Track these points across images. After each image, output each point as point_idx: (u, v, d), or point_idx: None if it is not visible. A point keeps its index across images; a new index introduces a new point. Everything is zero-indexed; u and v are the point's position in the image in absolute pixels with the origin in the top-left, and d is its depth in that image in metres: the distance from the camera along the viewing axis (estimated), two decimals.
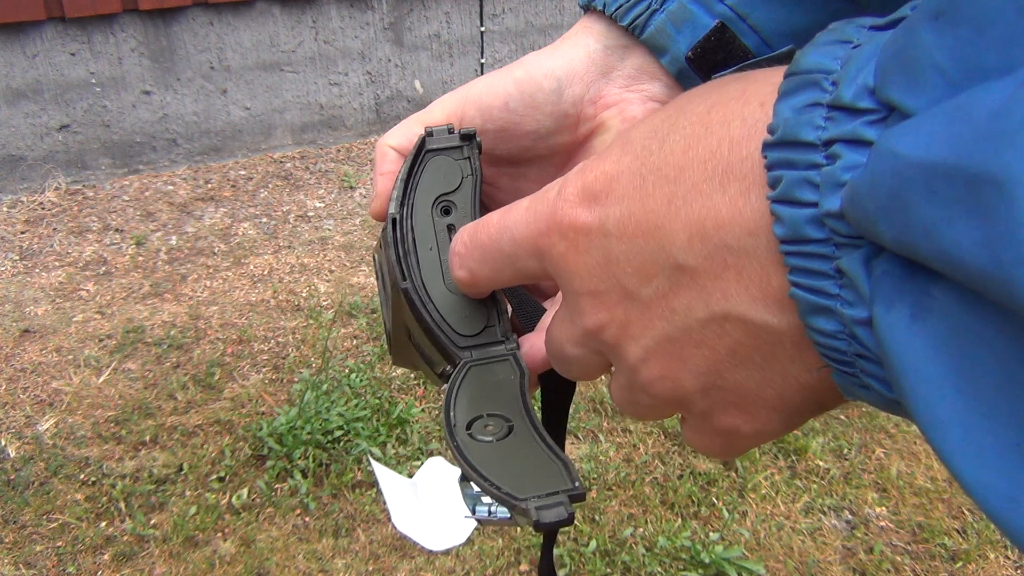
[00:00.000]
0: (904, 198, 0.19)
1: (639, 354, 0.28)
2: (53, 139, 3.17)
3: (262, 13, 3.33)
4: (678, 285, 0.26)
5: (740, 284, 0.25)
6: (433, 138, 0.42)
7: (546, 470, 0.33)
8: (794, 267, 0.23)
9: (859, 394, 0.24)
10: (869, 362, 0.22)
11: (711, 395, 0.28)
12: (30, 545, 1.77)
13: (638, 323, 0.28)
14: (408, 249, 0.40)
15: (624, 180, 0.27)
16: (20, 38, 2.99)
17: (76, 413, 2.12)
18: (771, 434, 0.28)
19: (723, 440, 0.30)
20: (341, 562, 1.74)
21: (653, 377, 0.28)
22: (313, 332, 2.42)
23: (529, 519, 0.29)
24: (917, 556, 1.81)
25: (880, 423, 2.15)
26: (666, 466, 2.00)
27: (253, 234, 2.97)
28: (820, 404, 0.27)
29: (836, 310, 0.22)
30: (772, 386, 0.26)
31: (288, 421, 2.00)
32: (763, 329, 0.25)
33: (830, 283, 0.22)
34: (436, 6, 3.64)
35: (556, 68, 0.44)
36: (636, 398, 0.31)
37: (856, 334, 0.22)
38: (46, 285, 2.66)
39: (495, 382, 0.38)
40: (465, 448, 0.34)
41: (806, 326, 0.23)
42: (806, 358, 0.25)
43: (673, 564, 1.74)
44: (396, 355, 0.51)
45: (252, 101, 3.44)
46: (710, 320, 0.26)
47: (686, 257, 0.25)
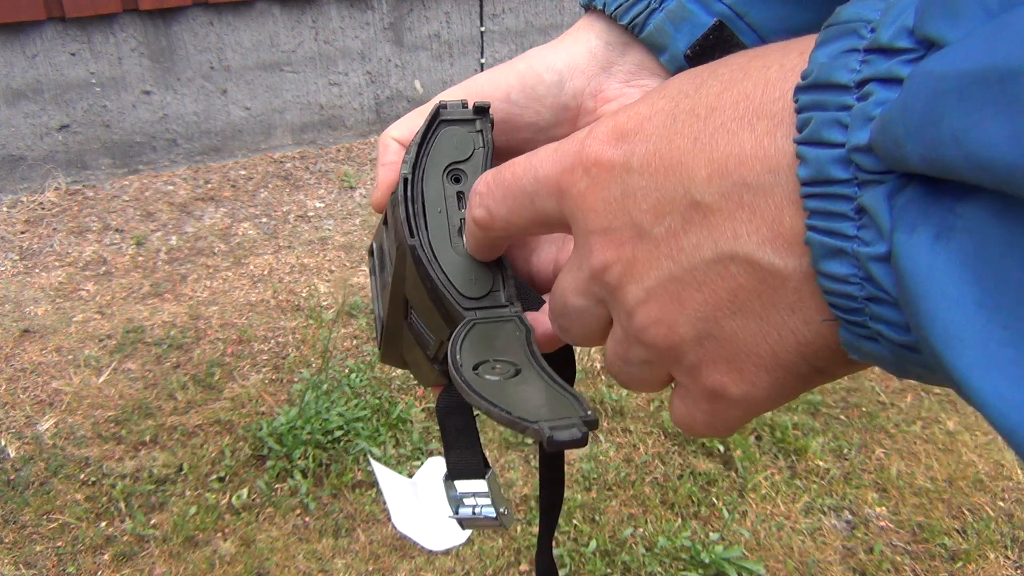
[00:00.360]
0: (936, 111, 0.19)
1: (639, 295, 0.28)
2: (53, 139, 3.17)
3: (262, 13, 3.33)
4: (690, 223, 0.26)
5: (752, 224, 0.25)
6: (447, 109, 0.42)
7: (557, 402, 0.33)
8: (813, 210, 0.23)
9: (864, 348, 0.23)
10: (881, 305, 0.22)
11: (704, 346, 0.27)
12: (30, 545, 1.77)
13: (644, 262, 0.28)
14: (417, 210, 0.40)
15: (656, 120, 0.28)
16: (20, 38, 2.99)
17: (76, 413, 2.12)
18: (759, 401, 0.28)
19: (709, 407, 0.29)
20: (341, 562, 1.74)
21: (649, 321, 0.28)
22: (313, 332, 2.42)
23: (542, 438, 0.29)
24: (917, 556, 1.81)
25: (880, 423, 2.15)
26: (666, 466, 2.00)
27: (253, 234, 2.97)
28: (813, 367, 0.26)
29: (852, 252, 0.22)
30: (767, 340, 0.26)
31: (288, 421, 2.00)
32: (768, 272, 0.25)
33: (849, 225, 0.22)
34: (436, 6, 3.64)
35: (558, 62, 0.45)
36: (630, 352, 0.30)
37: (871, 273, 0.22)
38: (46, 285, 2.66)
39: (501, 336, 0.38)
40: (472, 382, 0.34)
41: (818, 272, 0.23)
42: (807, 309, 0.25)
43: (673, 564, 1.74)
44: (387, 347, 0.51)
45: (252, 101, 3.44)
46: (716, 260, 0.26)
47: (703, 194, 0.25)
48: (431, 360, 0.45)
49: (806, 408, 2.19)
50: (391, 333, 0.49)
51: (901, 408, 2.22)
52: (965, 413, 2.21)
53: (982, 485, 1.98)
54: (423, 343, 0.45)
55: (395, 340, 0.49)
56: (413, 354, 0.48)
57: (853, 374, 0.29)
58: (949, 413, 2.20)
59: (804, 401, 2.20)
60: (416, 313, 0.43)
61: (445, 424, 0.49)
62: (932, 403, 2.23)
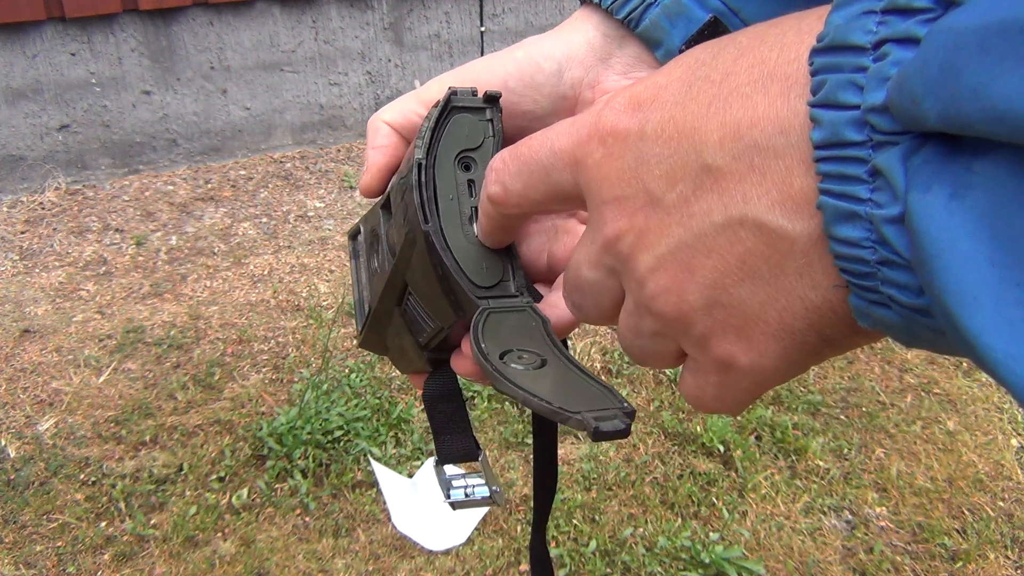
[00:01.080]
0: (955, 66, 0.19)
1: (650, 263, 0.28)
2: (53, 139, 3.17)
3: (262, 13, 3.33)
4: (701, 188, 0.26)
5: (762, 187, 0.25)
6: (459, 96, 0.42)
7: (591, 393, 0.32)
8: (826, 174, 0.23)
9: (875, 314, 0.23)
10: (893, 268, 0.22)
11: (713, 314, 0.27)
12: (30, 545, 1.77)
13: (656, 230, 0.28)
14: (430, 195, 0.40)
15: (672, 88, 0.28)
16: (20, 38, 2.99)
17: (76, 413, 2.12)
18: (767, 372, 0.28)
19: (719, 379, 0.29)
20: (341, 562, 1.74)
21: (660, 289, 0.28)
22: (313, 332, 2.42)
23: (588, 428, 0.29)
24: (917, 556, 1.81)
25: (880, 423, 2.15)
26: (666, 466, 2.00)
27: (253, 234, 2.97)
28: (821, 336, 0.26)
29: (865, 215, 0.22)
30: (776, 306, 0.26)
31: (288, 421, 2.00)
32: (777, 236, 0.25)
33: (862, 188, 0.22)
34: (436, 6, 3.64)
35: (556, 51, 0.45)
36: (641, 323, 0.30)
37: (884, 236, 0.22)
38: (46, 285, 2.66)
39: (518, 326, 0.38)
40: (504, 371, 0.33)
41: (830, 237, 0.23)
42: (815, 274, 0.25)
43: (673, 564, 1.74)
44: (370, 331, 0.50)
45: (252, 101, 3.44)
46: (726, 225, 0.26)
47: (715, 157, 0.25)
48: (422, 348, 0.45)
49: (806, 408, 2.19)
50: (378, 318, 0.48)
51: (901, 408, 2.22)
52: (965, 413, 2.21)
53: (982, 485, 1.98)
54: (416, 330, 0.44)
55: (381, 326, 0.49)
56: (400, 340, 0.48)
57: (859, 346, 0.29)
58: (949, 413, 2.20)
59: (804, 401, 2.20)
60: (416, 299, 0.43)
61: (434, 411, 0.48)
62: (932, 403, 2.23)
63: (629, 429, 0.29)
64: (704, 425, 2.09)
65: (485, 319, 0.37)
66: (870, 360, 2.39)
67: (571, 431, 2.08)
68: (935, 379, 2.32)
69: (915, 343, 0.24)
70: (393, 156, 0.45)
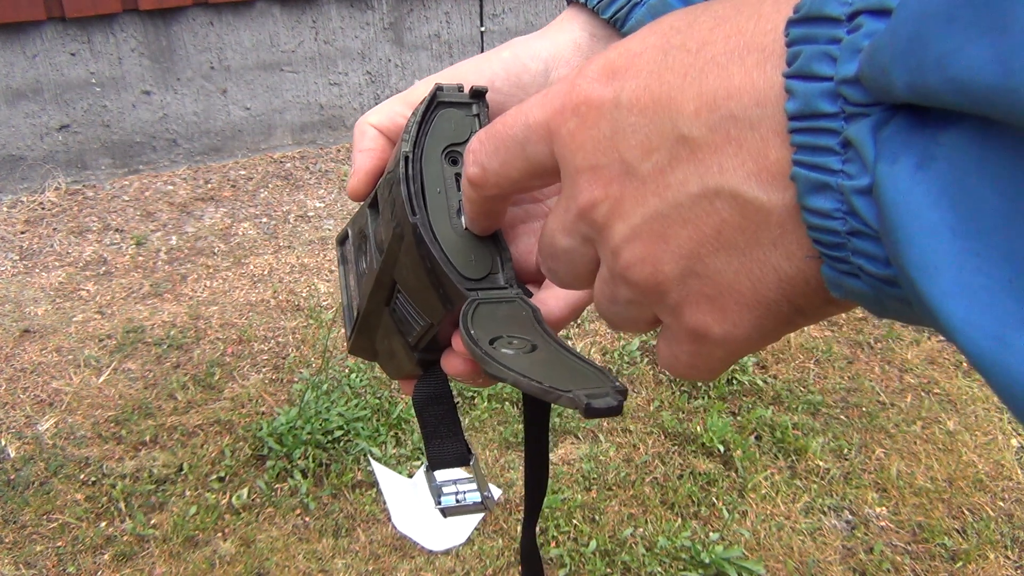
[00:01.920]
0: (922, 35, 0.19)
1: (625, 233, 0.28)
2: (53, 139, 3.17)
3: (262, 13, 3.33)
4: (677, 159, 0.26)
5: (738, 158, 0.25)
6: (444, 92, 0.42)
7: (583, 374, 0.32)
8: (800, 145, 0.23)
9: (846, 285, 0.23)
10: (863, 239, 0.22)
11: (687, 284, 0.27)
12: (30, 545, 1.77)
13: (631, 200, 0.28)
14: (417, 189, 0.40)
15: (647, 56, 0.27)
16: (20, 38, 2.99)
17: (76, 413, 2.12)
18: (740, 342, 0.28)
19: (693, 348, 0.29)
20: (341, 562, 1.74)
21: (635, 259, 0.28)
22: (313, 332, 2.42)
23: (579, 406, 0.29)
24: (917, 556, 1.81)
25: (880, 423, 2.15)
26: (666, 466, 2.00)
27: (253, 234, 2.97)
28: (794, 306, 0.26)
29: (836, 186, 0.22)
30: (749, 277, 0.26)
31: (288, 421, 2.00)
32: (752, 207, 0.25)
33: (835, 159, 0.22)
34: (436, 6, 3.64)
35: (543, 51, 0.45)
36: (616, 291, 0.30)
37: (855, 207, 0.22)
38: (46, 285, 2.66)
39: (508, 315, 0.38)
40: (493, 354, 0.33)
41: (802, 208, 0.23)
42: (789, 244, 0.25)
43: (673, 564, 1.74)
44: (359, 336, 0.50)
45: (252, 101, 3.44)
46: (702, 195, 0.26)
47: (691, 128, 0.25)
48: (411, 348, 0.45)
49: (806, 408, 2.19)
50: (367, 321, 0.48)
51: (901, 408, 2.22)
52: (965, 413, 2.21)
53: (982, 485, 1.98)
54: (405, 330, 0.44)
55: (370, 329, 0.48)
56: (389, 342, 0.47)
57: (832, 315, 0.29)
58: (949, 413, 2.20)
59: (804, 401, 2.20)
60: (406, 296, 0.43)
61: (424, 415, 0.48)
62: (932, 403, 2.23)
63: (621, 407, 0.29)
64: (704, 425, 2.09)
65: (474, 309, 0.37)
66: (870, 360, 2.39)
67: (571, 431, 2.08)
68: (935, 379, 2.32)
69: (885, 313, 0.24)
70: (380, 159, 0.45)
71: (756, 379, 2.27)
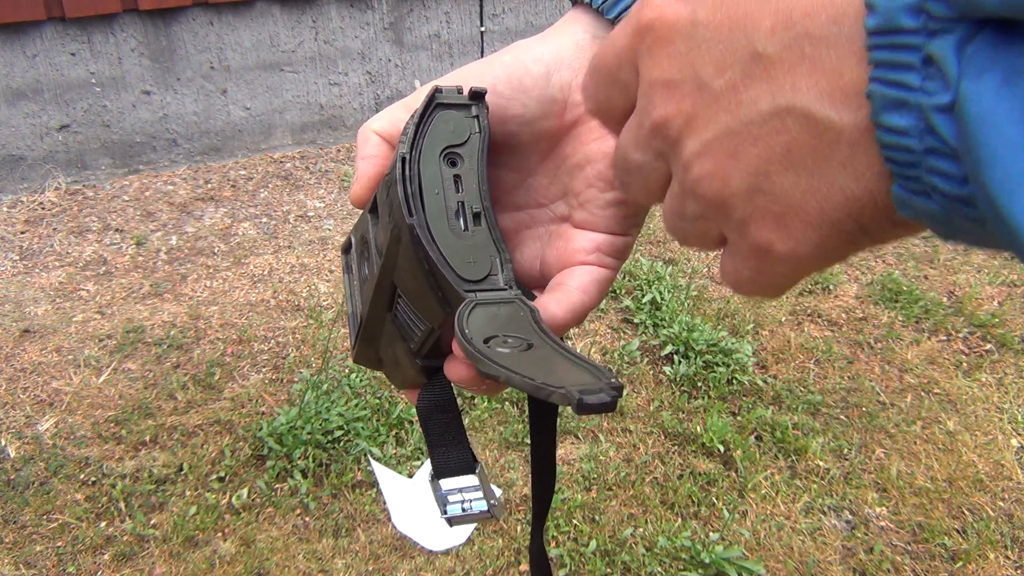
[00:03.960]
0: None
1: (696, 148, 0.28)
2: (53, 139, 3.17)
3: (262, 13, 3.33)
4: (750, 76, 0.26)
5: (812, 77, 0.25)
6: (443, 93, 0.42)
7: (578, 371, 0.32)
8: (879, 62, 0.23)
9: (916, 204, 0.23)
10: (939, 157, 0.22)
11: (754, 200, 0.28)
12: (30, 545, 1.77)
13: (703, 116, 0.28)
14: (414, 190, 0.40)
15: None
16: (20, 38, 2.99)
17: (76, 413, 2.12)
18: (803, 259, 0.28)
19: (756, 263, 0.29)
20: (341, 562, 1.74)
21: (704, 173, 0.28)
22: (313, 332, 2.42)
23: (571, 401, 0.29)
24: (917, 556, 1.81)
25: (880, 423, 2.15)
26: (666, 466, 2.00)
27: (253, 234, 2.97)
28: (859, 225, 0.26)
29: (915, 103, 0.22)
30: (816, 196, 0.26)
31: (288, 421, 2.00)
32: (823, 126, 0.25)
33: (914, 76, 0.22)
34: (436, 6, 3.64)
35: (545, 54, 0.44)
36: (685, 206, 0.31)
37: (933, 124, 0.22)
38: (46, 285, 2.66)
39: (506, 316, 0.37)
40: (485, 352, 0.33)
41: (877, 125, 0.23)
42: (858, 165, 0.25)
43: (673, 564, 1.74)
44: (363, 344, 0.49)
45: (252, 101, 3.44)
46: (773, 114, 0.26)
47: (765, 45, 0.26)
48: (414, 354, 0.44)
49: (806, 408, 2.19)
50: (370, 328, 0.47)
51: (901, 408, 2.22)
52: (965, 413, 2.21)
53: (982, 485, 1.98)
54: (407, 335, 0.44)
55: (373, 336, 0.48)
56: (392, 350, 0.47)
57: (897, 239, 0.29)
58: (949, 413, 2.20)
59: (804, 401, 2.20)
60: (405, 301, 0.42)
61: (428, 423, 0.48)
62: (932, 403, 2.23)
63: (615, 403, 0.29)
64: (704, 425, 2.09)
65: (471, 309, 0.37)
66: (870, 360, 2.39)
67: (571, 431, 2.08)
68: (935, 379, 2.32)
69: (953, 235, 0.24)
70: (383, 165, 0.45)
71: (756, 379, 2.27)
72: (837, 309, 2.60)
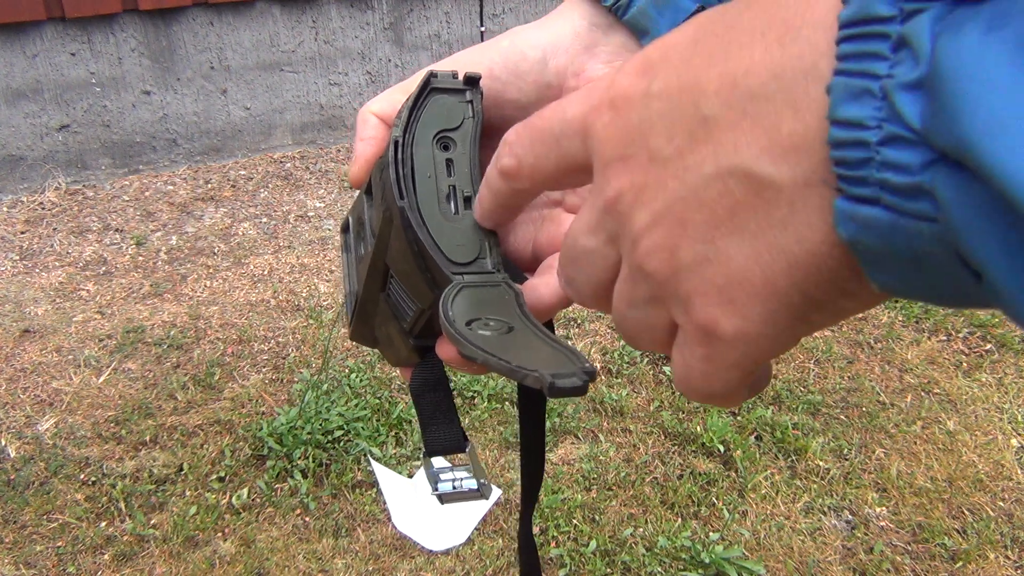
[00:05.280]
0: None
1: (646, 220, 0.28)
2: (53, 139, 3.17)
3: (262, 13, 3.33)
4: (695, 140, 0.26)
5: (752, 134, 0.25)
6: (438, 78, 0.42)
7: (555, 356, 0.33)
8: (846, 54, 0.22)
9: (859, 216, 0.23)
10: (896, 146, 0.21)
11: (701, 272, 0.27)
12: (30, 545, 1.77)
13: (653, 186, 0.28)
14: (407, 173, 0.40)
15: (681, 47, 0.28)
16: (20, 38, 2.99)
17: (76, 413, 2.12)
18: (753, 339, 0.27)
19: (705, 352, 0.28)
20: (341, 562, 1.74)
21: (653, 246, 0.28)
22: (313, 332, 2.42)
23: (543, 385, 0.29)
24: (917, 556, 1.81)
25: (880, 423, 2.15)
26: (666, 466, 2.00)
27: (253, 234, 2.97)
28: (805, 296, 0.25)
29: (879, 89, 0.22)
30: (760, 262, 0.25)
31: (288, 421, 2.00)
32: (763, 184, 0.25)
33: (882, 64, 0.22)
34: (436, 6, 3.64)
35: (541, 39, 0.45)
36: (635, 290, 0.30)
37: (896, 106, 0.21)
38: (46, 285, 2.66)
39: (490, 298, 0.38)
40: (466, 334, 0.34)
41: (832, 122, 0.23)
42: (799, 225, 0.24)
43: (673, 564, 1.74)
44: (359, 323, 0.50)
45: (252, 101, 3.44)
46: (716, 176, 0.26)
47: (710, 107, 0.26)
48: (407, 333, 0.45)
49: (806, 408, 2.19)
50: (365, 307, 0.48)
51: (901, 408, 2.22)
52: (965, 413, 2.21)
53: (982, 485, 1.98)
54: (400, 315, 0.44)
55: (368, 315, 0.49)
56: (386, 329, 0.48)
57: (847, 315, 0.28)
58: (949, 413, 2.20)
59: (804, 401, 2.20)
60: (397, 282, 0.43)
61: (421, 401, 0.49)
62: (932, 403, 2.23)
63: (586, 387, 0.29)
64: (704, 425, 2.09)
65: (457, 292, 0.38)
66: (870, 360, 2.39)
67: (571, 431, 2.08)
68: (935, 379, 2.32)
69: (892, 255, 0.23)
70: (381, 147, 0.46)
71: None
72: None
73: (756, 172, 0.25)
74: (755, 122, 0.24)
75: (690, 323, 0.28)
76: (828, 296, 0.25)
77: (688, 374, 0.29)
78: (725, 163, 0.25)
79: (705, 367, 0.29)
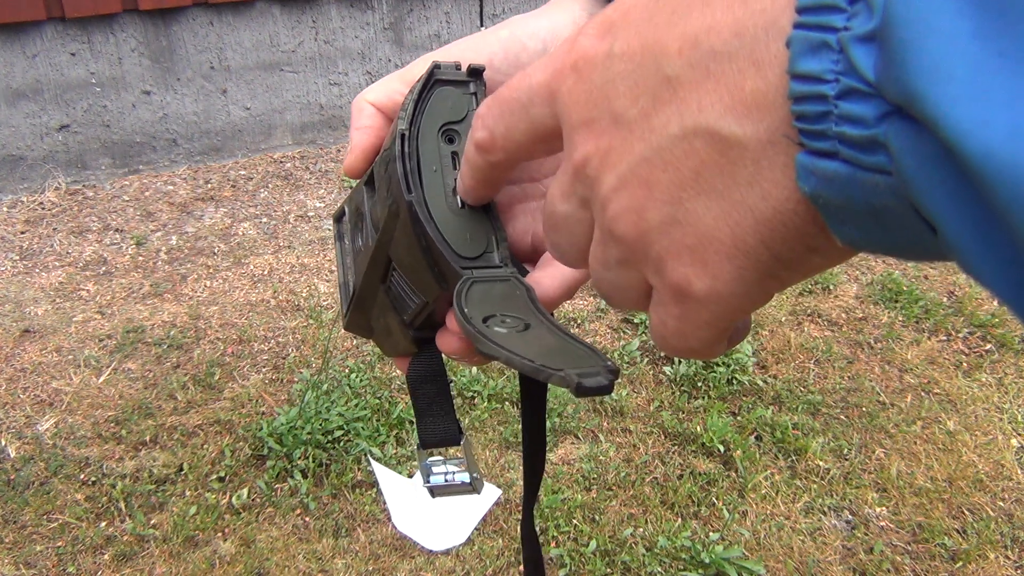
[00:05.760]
0: None
1: (613, 183, 0.28)
2: (53, 139, 3.17)
3: (262, 13, 3.33)
4: (659, 101, 0.26)
5: (716, 93, 0.24)
6: (442, 70, 0.42)
7: (575, 353, 0.32)
8: (805, 7, 0.22)
9: (819, 170, 0.23)
10: (853, 99, 0.21)
11: (669, 233, 0.27)
12: (30, 545, 1.77)
13: (618, 149, 0.27)
14: (413, 167, 0.40)
15: (641, 6, 0.27)
16: (20, 38, 2.99)
17: (76, 413, 2.12)
18: (724, 298, 0.27)
19: (679, 311, 0.28)
20: (341, 562, 1.74)
21: (621, 209, 0.28)
22: (313, 332, 2.42)
23: (570, 384, 0.29)
24: (917, 556, 1.81)
25: (880, 423, 2.15)
26: (666, 466, 2.00)
27: (253, 234, 2.97)
28: (773, 253, 0.25)
29: (836, 42, 0.22)
30: (728, 221, 0.25)
31: (288, 421, 2.00)
32: (728, 143, 0.24)
33: (839, 17, 0.22)
34: (436, 6, 3.64)
35: (541, 29, 0.44)
36: (607, 252, 0.30)
37: (852, 59, 0.21)
38: (46, 285, 2.66)
39: (502, 294, 0.38)
40: (486, 332, 0.33)
41: (791, 76, 0.23)
42: (764, 182, 0.24)
43: (673, 564, 1.74)
44: (355, 313, 0.50)
45: (252, 101, 3.44)
46: (682, 136, 0.25)
47: (673, 68, 0.25)
48: (407, 326, 0.45)
49: (806, 408, 2.19)
50: (363, 298, 0.48)
51: (901, 408, 2.22)
52: (965, 413, 2.21)
53: (982, 485, 1.98)
54: (401, 307, 0.44)
55: (365, 306, 0.48)
56: (385, 320, 0.47)
57: (816, 271, 0.28)
58: (949, 413, 2.20)
59: (804, 401, 2.20)
60: (401, 274, 0.43)
61: (417, 393, 0.48)
62: (932, 403, 2.23)
63: (612, 386, 0.29)
64: (704, 425, 2.09)
65: (469, 287, 0.37)
66: (870, 360, 2.39)
67: (571, 431, 2.08)
68: (935, 379, 2.32)
69: (851, 209, 0.23)
70: (377, 136, 0.45)
71: (756, 379, 2.27)
72: (837, 309, 2.60)
73: (721, 131, 0.24)
74: (718, 81, 0.24)
75: (663, 284, 0.28)
76: (795, 252, 0.25)
77: (664, 332, 0.30)
78: (690, 123, 0.25)
79: (681, 325, 0.29)
